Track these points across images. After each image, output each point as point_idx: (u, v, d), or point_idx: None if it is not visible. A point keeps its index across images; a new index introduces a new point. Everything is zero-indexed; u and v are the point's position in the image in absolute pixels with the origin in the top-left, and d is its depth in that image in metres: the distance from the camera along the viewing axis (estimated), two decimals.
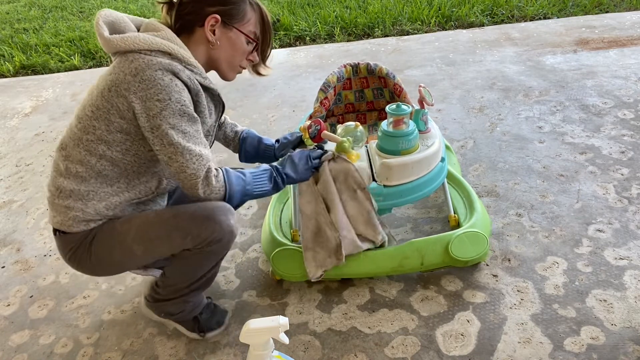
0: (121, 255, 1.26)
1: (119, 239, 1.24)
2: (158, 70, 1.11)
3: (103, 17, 1.17)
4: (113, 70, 1.15)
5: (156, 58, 1.13)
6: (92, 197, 1.22)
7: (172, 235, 1.23)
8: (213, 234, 1.22)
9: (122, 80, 1.12)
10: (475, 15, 3.87)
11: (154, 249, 1.26)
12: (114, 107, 1.14)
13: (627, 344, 1.33)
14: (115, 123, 1.16)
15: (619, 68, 2.84)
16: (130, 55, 1.13)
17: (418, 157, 1.50)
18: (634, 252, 1.61)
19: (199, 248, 1.24)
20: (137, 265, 1.33)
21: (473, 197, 1.74)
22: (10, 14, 5.32)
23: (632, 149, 2.12)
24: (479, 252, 1.52)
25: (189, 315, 1.43)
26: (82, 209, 1.22)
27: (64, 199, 1.22)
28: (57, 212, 1.24)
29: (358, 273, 1.56)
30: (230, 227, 1.25)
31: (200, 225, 1.21)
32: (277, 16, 4.21)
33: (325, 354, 1.39)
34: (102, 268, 1.31)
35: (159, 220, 1.25)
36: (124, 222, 1.25)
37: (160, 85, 1.11)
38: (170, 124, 1.13)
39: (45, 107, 3.21)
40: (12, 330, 1.57)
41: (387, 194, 1.50)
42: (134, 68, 1.11)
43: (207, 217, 1.21)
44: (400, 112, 1.48)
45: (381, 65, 1.85)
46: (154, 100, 1.11)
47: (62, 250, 1.29)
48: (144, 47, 1.14)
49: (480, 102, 2.64)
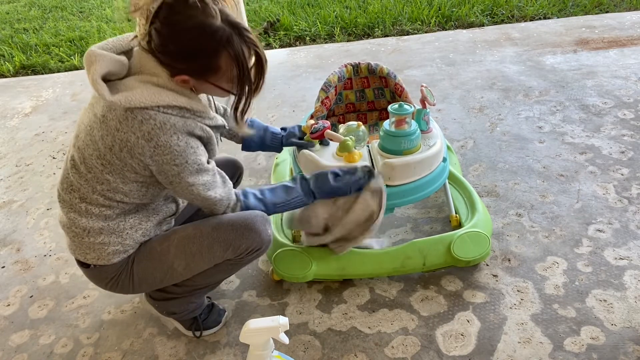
0: (162, 274, 1.28)
1: (160, 259, 1.25)
2: (173, 135, 1.08)
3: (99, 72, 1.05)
4: (119, 125, 1.08)
5: (169, 119, 1.08)
6: (125, 228, 1.21)
7: (214, 248, 1.25)
8: (253, 243, 1.26)
9: (134, 144, 1.08)
10: (475, 15, 3.86)
11: (195, 264, 1.27)
12: (127, 166, 1.12)
13: (627, 344, 1.33)
14: (130, 176, 1.15)
15: (619, 68, 2.84)
16: (138, 114, 1.06)
17: (420, 157, 1.50)
18: (634, 252, 1.61)
19: (239, 258, 1.28)
20: (178, 280, 1.32)
21: (474, 197, 1.74)
22: (10, 14, 5.32)
23: (632, 149, 2.12)
24: (481, 252, 1.52)
25: (189, 315, 1.44)
26: (120, 242, 1.22)
27: (95, 236, 1.20)
28: (89, 249, 1.22)
29: (360, 273, 1.57)
30: (269, 237, 1.29)
31: (241, 236, 1.24)
32: (277, 16, 4.21)
33: (325, 354, 1.39)
34: (142, 287, 1.32)
35: (199, 234, 1.25)
36: (162, 241, 1.26)
37: (177, 151, 1.10)
38: (188, 182, 1.15)
39: (45, 107, 3.21)
40: (12, 330, 1.57)
41: (390, 193, 1.50)
42: (146, 132, 1.07)
43: (248, 228, 1.24)
44: (403, 111, 1.48)
45: (382, 65, 1.85)
46: (171, 165, 1.11)
47: (101, 281, 1.28)
48: (150, 104, 1.06)
49: (480, 102, 2.64)
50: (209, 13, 1.03)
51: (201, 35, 1.04)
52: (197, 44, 1.05)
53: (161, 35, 1.04)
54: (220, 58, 1.08)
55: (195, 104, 1.13)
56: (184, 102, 1.11)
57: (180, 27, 1.03)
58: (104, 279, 1.27)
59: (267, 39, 3.96)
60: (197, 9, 1.02)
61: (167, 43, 1.05)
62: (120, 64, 1.10)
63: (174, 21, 1.03)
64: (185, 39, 1.04)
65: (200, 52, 1.06)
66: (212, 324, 1.48)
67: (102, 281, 1.28)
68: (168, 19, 1.02)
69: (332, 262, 1.54)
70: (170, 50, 1.06)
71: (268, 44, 3.90)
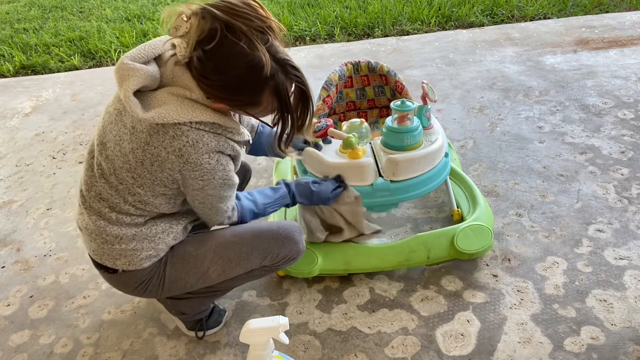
0: (196, 278, 1.28)
1: (195, 264, 1.26)
2: (205, 154, 1.07)
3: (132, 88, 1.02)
4: (150, 139, 1.05)
5: (202, 136, 1.06)
6: (157, 232, 1.21)
7: (252, 255, 1.27)
8: (291, 252, 1.30)
9: (165, 159, 1.06)
10: (475, 15, 3.86)
11: (231, 270, 1.28)
12: (158, 179, 1.11)
13: (627, 344, 1.33)
14: (160, 190, 1.14)
15: (619, 68, 2.84)
16: (170, 129, 1.04)
17: (423, 152, 1.52)
18: (634, 252, 1.61)
19: (275, 266, 1.32)
20: (208, 285, 1.31)
21: (475, 192, 1.76)
22: (10, 14, 5.32)
23: (632, 149, 2.12)
24: (484, 245, 1.53)
25: (197, 317, 1.44)
26: (153, 247, 1.21)
27: (127, 243, 1.18)
28: (120, 255, 1.20)
29: (365, 268, 1.58)
30: (304, 247, 1.34)
31: (281, 245, 1.28)
32: (277, 16, 4.21)
33: (325, 354, 1.39)
34: (172, 291, 1.31)
35: (239, 241, 1.27)
36: (198, 246, 1.27)
37: (207, 169, 1.09)
38: (208, 194, 1.16)
39: (45, 107, 3.21)
40: (12, 330, 1.57)
41: (394, 189, 1.51)
42: (177, 148, 1.05)
43: (287, 238, 1.29)
44: (405, 108, 1.49)
45: (382, 64, 1.86)
46: (198, 180, 1.11)
47: (128, 286, 1.26)
48: (184, 120, 1.03)
49: (480, 102, 2.64)
50: (255, 48, 0.98)
51: (247, 74, 1.01)
52: (242, 82, 1.02)
53: (204, 65, 1.00)
54: (263, 95, 1.05)
55: (227, 121, 1.11)
56: (217, 118, 1.08)
57: (226, 63, 0.99)
58: (133, 283, 1.24)
59: None
60: (244, 45, 0.97)
61: (209, 74, 1.01)
62: (153, 78, 1.06)
63: (220, 56, 0.99)
64: (230, 75, 1.01)
65: (243, 89, 1.03)
66: (212, 324, 1.48)
67: (129, 286, 1.26)
68: (214, 53, 0.98)
69: (337, 257, 1.56)
70: (212, 81, 1.02)
71: None
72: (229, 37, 0.96)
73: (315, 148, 1.58)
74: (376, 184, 1.51)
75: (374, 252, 1.57)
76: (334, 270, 1.57)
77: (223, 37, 0.96)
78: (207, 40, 0.97)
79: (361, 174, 1.51)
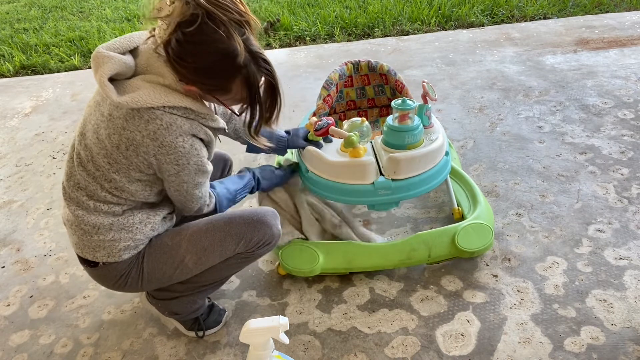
0: (173, 269, 1.29)
1: (171, 253, 1.27)
2: (179, 136, 1.11)
3: (107, 74, 1.07)
4: (126, 124, 1.09)
5: (175, 120, 1.10)
6: (135, 222, 1.23)
7: (226, 241, 1.28)
8: (265, 236, 1.30)
9: (140, 143, 1.10)
10: (475, 15, 3.86)
11: (207, 258, 1.29)
12: (133, 164, 1.14)
13: (627, 344, 1.33)
14: (135, 175, 1.17)
15: (619, 68, 2.84)
16: (145, 113, 1.09)
17: (424, 150, 1.53)
18: (634, 252, 1.61)
19: (250, 252, 1.31)
20: (187, 276, 1.33)
21: (476, 190, 1.76)
22: (10, 14, 5.32)
23: (632, 149, 2.12)
24: (485, 243, 1.54)
25: (191, 315, 1.44)
26: (131, 237, 1.23)
27: (105, 233, 1.21)
28: (99, 247, 1.22)
29: (366, 266, 1.58)
30: (279, 232, 1.34)
31: (254, 229, 1.29)
32: (277, 16, 4.21)
33: (325, 354, 1.39)
34: (151, 284, 1.32)
35: (212, 228, 1.28)
36: (173, 236, 1.29)
37: (181, 152, 1.12)
38: (183, 180, 1.18)
39: (45, 107, 3.21)
40: (12, 330, 1.57)
41: (395, 187, 1.52)
42: (152, 131, 1.09)
43: (260, 222, 1.29)
44: (406, 107, 1.49)
45: (382, 63, 1.86)
46: (173, 165, 1.14)
47: (109, 280, 1.28)
48: (157, 105, 1.08)
49: (480, 102, 2.64)
50: (232, 37, 1.04)
51: (221, 60, 1.06)
52: (215, 67, 1.07)
53: (182, 47, 1.05)
54: (233, 82, 1.11)
55: (199, 106, 1.15)
56: (189, 103, 1.12)
57: (203, 48, 1.04)
58: (113, 277, 1.27)
59: (267, 39, 3.96)
60: (222, 33, 1.03)
61: (186, 57, 1.06)
62: (127, 66, 1.11)
63: (198, 40, 1.04)
64: (205, 59, 1.06)
65: (216, 74, 1.09)
66: (212, 324, 1.48)
67: (110, 280, 1.28)
68: (193, 37, 1.03)
69: (338, 256, 1.56)
70: (187, 63, 1.07)
71: (268, 44, 3.90)
72: (209, 24, 1.02)
73: (315, 147, 1.58)
74: (377, 182, 1.51)
75: (375, 250, 1.57)
76: (335, 269, 1.58)
77: (203, 24, 1.01)
78: (187, 24, 1.02)
79: (362, 173, 1.51)
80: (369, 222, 1.86)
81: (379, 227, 1.83)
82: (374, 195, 1.53)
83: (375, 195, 1.53)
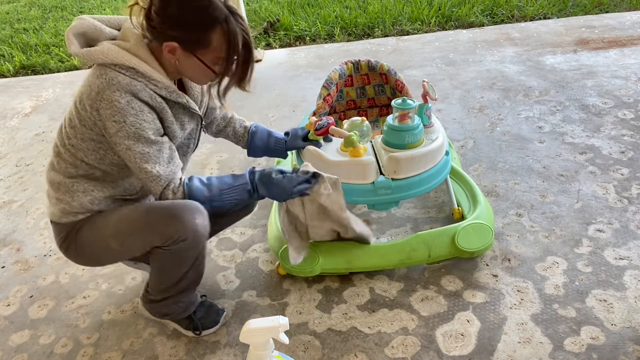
0: (100, 249, 1.31)
1: (98, 233, 1.29)
2: (116, 91, 1.13)
3: (74, 30, 1.17)
4: (86, 80, 1.18)
5: (117, 76, 1.14)
6: (77, 190, 1.28)
7: (144, 231, 1.26)
8: (177, 232, 1.22)
9: (88, 95, 1.16)
10: (475, 15, 3.86)
11: (129, 245, 1.29)
12: (83, 119, 1.19)
13: (627, 344, 1.33)
14: (86, 133, 1.21)
15: (619, 68, 2.84)
16: (99, 69, 1.15)
17: (425, 150, 1.53)
18: (634, 252, 1.61)
19: (167, 247, 1.25)
20: (117, 259, 1.40)
21: (475, 190, 1.77)
22: (10, 14, 5.32)
23: (632, 149, 2.12)
24: (485, 243, 1.54)
25: (182, 315, 1.45)
26: (69, 202, 1.28)
27: (54, 191, 1.30)
28: (50, 203, 1.33)
29: (366, 266, 1.58)
30: (195, 227, 1.22)
31: (165, 223, 1.23)
32: (277, 16, 4.21)
33: (325, 354, 1.39)
34: (85, 259, 1.37)
35: (133, 216, 1.28)
36: (104, 217, 1.30)
37: (116, 107, 1.14)
38: (126, 145, 1.18)
39: (45, 107, 3.21)
40: (12, 330, 1.57)
41: (396, 187, 1.52)
42: (98, 85, 1.14)
43: (172, 216, 1.23)
44: (406, 106, 1.50)
45: (382, 62, 1.86)
46: (111, 121, 1.16)
47: (56, 239, 1.36)
48: (108, 62, 1.14)
49: (480, 102, 2.64)
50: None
51: (203, 8, 1.11)
52: (197, 15, 1.11)
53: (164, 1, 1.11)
54: (213, 34, 1.14)
55: (152, 72, 1.17)
56: (137, 64, 1.15)
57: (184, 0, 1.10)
58: (57, 237, 1.34)
59: (267, 39, 3.95)
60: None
61: (167, 7, 1.11)
62: (97, 29, 1.20)
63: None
64: (186, 7, 1.11)
65: (197, 23, 1.12)
66: (210, 324, 1.48)
67: (56, 239, 1.35)
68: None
69: (339, 256, 1.56)
70: (169, 14, 1.11)
71: (268, 44, 3.90)
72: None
73: (315, 146, 1.58)
74: (378, 182, 1.51)
75: (375, 250, 1.57)
76: (335, 269, 1.58)
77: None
78: None
79: (363, 172, 1.51)
80: (369, 222, 1.86)
81: (379, 227, 1.83)
82: (374, 195, 1.53)
83: (376, 194, 1.53)
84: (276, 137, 1.59)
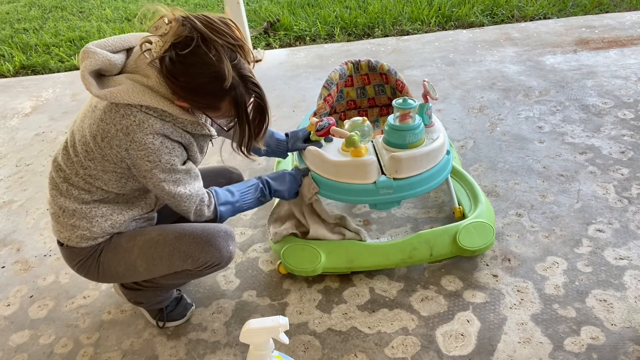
0: (125, 270, 1.32)
1: (124, 256, 1.29)
2: (149, 134, 1.13)
3: (88, 68, 1.10)
4: (104, 115, 1.14)
5: (148, 119, 1.13)
6: (95, 215, 1.26)
7: (174, 257, 1.28)
8: (212, 259, 1.29)
9: (113, 136, 1.14)
10: (475, 15, 3.86)
11: (156, 268, 1.31)
12: (107, 155, 1.17)
13: (627, 344, 1.33)
14: (109, 167, 1.20)
15: (619, 68, 2.84)
16: (123, 108, 1.13)
17: (426, 149, 1.53)
18: (634, 252, 1.61)
19: (198, 270, 1.31)
20: (140, 279, 1.37)
21: (476, 189, 1.77)
22: (10, 14, 5.32)
23: (632, 149, 2.12)
24: (486, 242, 1.54)
25: (156, 306, 1.49)
26: (89, 227, 1.26)
27: (68, 217, 1.26)
28: (63, 228, 1.28)
29: (368, 265, 1.58)
30: (230, 254, 1.32)
31: (201, 250, 1.28)
32: (277, 16, 4.21)
33: (325, 354, 1.39)
34: (107, 278, 1.36)
35: (162, 241, 1.29)
36: (129, 239, 1.30)
37: (151, 149, 1.14)
38: (160, 178, 1.19)
39: (45, 107, 3.21)
40: (12, 330, 1.57)
41: (397, 186, 1.52)
42: (125, 127, 1.12)
43: (209, 243, 1.28)
44: (407, 106, 1.50)
45: (382, 62, 1.86)
46: (145, 161, 1.16)
47: (70, 261, 1.33)
48: (135, 103, 1.12)
49: (480, 102, 2.64)
50: (222, 62, 1.08)
51: (210, 83, 1.10)
52: (205, 88, 1.11)
53: (175, 66, 1.08)
54: (222, 102, 1.15)
55: (179, 112, 1.17)
56: (166, 106, 1.15)
57: (194, 70, 1.08)
58: (73, 260, 1.32)
59: (267, 39, 3.96)
60: (213, 57, 1.07)
61: (177, 75, 1.09)
62: (111, 63, 1.14)
63: (190, 62, 1.07)
64: (195, 80, 1.10)
65: (205, 94, 1.13)
66: (177, 316, 1.52)
67: (71, 262, 1.33)
68: (186, 58, 1.06)
69: (340, 255, 1.56)
70: (179, 81, 1.11)
71: (268, 44, 3.90)
72: (201, 48, 1.06)
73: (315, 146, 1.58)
74: (379, 181, 1.51)
75: (377, 249, 1.57)
76: (337, 269, 1.58)
77: (196, 47, 1.05)
78: (182, 45, 1.06)
79: (364, 172, 1.51)
80: (369, 222, 1.86)
81: (379, 227, 1.83)
82: (376, 195, 1.53)
83: (377, 194, 1.53)
84: (277, 138, 1.60)
